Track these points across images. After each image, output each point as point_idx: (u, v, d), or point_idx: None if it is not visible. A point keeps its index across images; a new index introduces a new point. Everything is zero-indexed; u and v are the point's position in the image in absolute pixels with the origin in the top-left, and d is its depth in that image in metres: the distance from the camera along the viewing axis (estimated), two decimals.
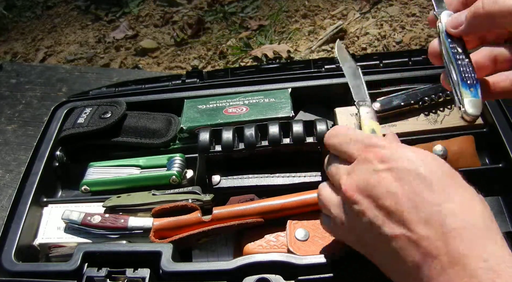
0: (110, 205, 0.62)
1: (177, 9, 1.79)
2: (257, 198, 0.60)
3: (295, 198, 0.57)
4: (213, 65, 1.51)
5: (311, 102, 0.76)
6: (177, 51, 1.60)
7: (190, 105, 0.74)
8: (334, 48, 0.80)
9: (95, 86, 0.93)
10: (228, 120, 0.69)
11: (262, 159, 0.64)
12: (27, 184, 0.67)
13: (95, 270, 0.54)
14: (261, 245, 0.56)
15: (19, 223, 0.62)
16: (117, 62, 1.60)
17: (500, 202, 0.62)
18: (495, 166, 0.63)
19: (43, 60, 1.69)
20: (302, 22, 1.58)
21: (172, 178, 0.65)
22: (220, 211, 0.57)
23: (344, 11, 1.58)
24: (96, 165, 0.70)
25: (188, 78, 0.81)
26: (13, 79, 1.17)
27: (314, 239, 0.55)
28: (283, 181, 0.63)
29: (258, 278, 0.51)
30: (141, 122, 0.73)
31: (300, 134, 0.62)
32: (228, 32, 1.62)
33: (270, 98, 0.72)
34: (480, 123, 0.66)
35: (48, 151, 0.71)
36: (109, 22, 1.82)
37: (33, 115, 1.05)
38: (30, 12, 1.97)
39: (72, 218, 0.60)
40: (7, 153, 0.96)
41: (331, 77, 0.75)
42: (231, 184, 0.63)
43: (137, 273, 0.53)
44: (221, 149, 0.62)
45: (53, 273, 0.56)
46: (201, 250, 0.59)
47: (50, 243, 0.61)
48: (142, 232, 0.58)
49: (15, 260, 0.58)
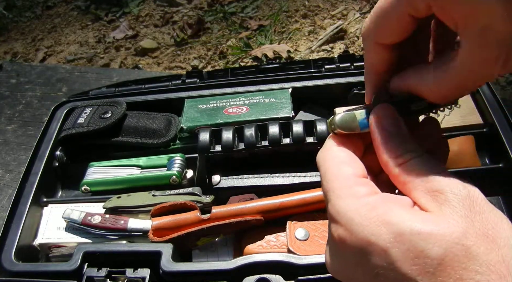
0: (111, 206, 0.62)
1: (177, 9, 1.79)
2: (257, 198, 0.61)
3: (295, 197, 0.57)
4: (213, 65, 1.51)
5: (311, 102, 0.76)
6: (177, 51, 1.60)
7: (191, 104, 0.74)
8: None
9: (95, 86, 0.93)
10: (228, 120, 0.69)
11: (262, 159, 0.64)
12: (27, 184, 0.67)
13: (95, 270, 0.54)
14: (261, 245, 0.56)
15: (19, 223, 0.62)
16: (117, 62, 1.60)
17: (500, 202, 0.62)
18: (495, 166, 0.63)
19: (43, 60, 1.69)
20: (302, 22, 1.58)
21: (172, 178, 0.65)
22: (219, 210, 0.58)
23: (344, 11, 1.58)
24: (96, 165, 0.70)
25: (188, 78, 0.81)
26: (13, 79, 1.17)
27: (314, 238, 0.55)
28: (283, 181, 0.63)
29: (258, 278, 0.51)
30: (141, 122, 0.73)
31: (300, 134, 0.62)
32: (228, 32, 1.62)
33: (270, 98, 0.72)
34: (480, 123, 0.66)
35: (48, 151, 0.71)
36: (109, 22, 1.82)
37: (33, 115, 1.05)
38: (30, 12, 1.97)
39: (73, 217, 0.60)
40: (7, 153, 0.96)
41: (331, 77, 0.75)
42: (231, 184, 0.63)
43: (137, 273, 0.53)
44: (221, 149, 0.62)
45: (53, 273, 0.56)
46: (201, 250, 0.59)
47: (50, 243, 0.61)
48: (142, 234, 0.58)
49: (15, 260, 0.58)
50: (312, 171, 0.62)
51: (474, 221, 0.26)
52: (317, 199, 0.57)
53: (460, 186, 0.28)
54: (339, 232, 0.29)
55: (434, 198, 0.28)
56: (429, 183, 0.29)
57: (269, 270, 0.51)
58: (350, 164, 0.32)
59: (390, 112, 0.33)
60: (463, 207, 0.27)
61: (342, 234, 0.29)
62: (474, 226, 0.26)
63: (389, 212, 0.28)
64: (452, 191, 0.28)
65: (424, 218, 0.27)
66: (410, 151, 0.31)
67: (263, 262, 0.52)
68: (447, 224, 0.26)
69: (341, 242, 0.29)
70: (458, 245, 0.25)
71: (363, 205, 0.28)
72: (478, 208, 0.27)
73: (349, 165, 0.32)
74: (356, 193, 0.30)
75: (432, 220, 0.27)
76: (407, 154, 0.31)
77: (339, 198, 0.30)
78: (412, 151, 0.31)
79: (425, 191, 0.28)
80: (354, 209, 0.29)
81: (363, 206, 0.28)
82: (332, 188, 0.31)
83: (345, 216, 0.29)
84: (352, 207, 0.29)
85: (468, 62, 0.28)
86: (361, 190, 0.30)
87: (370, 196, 0.29)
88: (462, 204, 0.27)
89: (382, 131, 0.32)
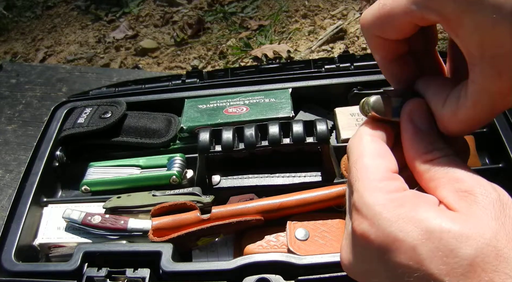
0: (111, 206, 0.62)
1: (177, 9, 1.79)
2: (257, 198, 0.61)
3: (295, 197, 0.57)
4: (213, 65, 1.51)
5: (311, 102, 0.76)
6: (177, 51, 1.60)
7: (191, 104, 0.74)
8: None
9: (95, 86, 0.93)
10: (228, 120, 0.69)
11: (262, 159, 0.64)
12: (27, 184, 0.67)
13: (95, 270, 0.54)
14: (261, 245, 0.56)
15: (19, 223, 0.62)
16: (117, 62, 1.60)
17: None
18: (495, 166, 0.63)
19: (43, 60, 1.69)
20: (302, 22, 1.58)
21: (172, 178, 0.65)
22: (219, 210, 0.58)
23: (344, 11, 1.58)
24: (96, 165, 0.70)
25: (188, 78, 0.81)
26: (13, 79, 1.16)
27: (314, 239, 0.55)
28: (283, 181, 0.63)
29: (258, 278, 0.51)
30: (141, 122, 0.73)
31: (300, 134, 0.62)
32: (228, 32, 1.62)
33: (270, 98, 0.72)
34: None
35: (48, 151, 0.71)
36: (109, 22, 1.82)
37: (33, 115, 1.05)
38: (30, 12, 1.97)
39: (73, 217, 0.60)
40: (7, 153, 0.96)
41: (331, 77, 0.75)
42: (231, 184, 0.63)
43: (137, 273, 0.53)
44: (221, 149, 0.62)
45: (53, 273, 0.56)
46: (201, 250, 0.59)
47: (50, 243, 0.61)
48: (142, 234, 0.58)
49: (15, 260, 0.58)
50: (312, 171, 0.62)
51: (505, 224, 0.26)
52: (317, 199, 0.57)
53: (490, 188, 0.27)
54: (363, 226, 0.28)
55: (463, 198, 0.27)
56: (458, 183, 0.28)
57: (269, 270, 0.51)
58: (383, 157, 0.31)
59: (423, 108, 0.32)
60: (493, 209, 0.26)
61: (367, 228, 0.28)
62: (505, 229, 0.25)
63: (418, 209, 0.27)
64: (482, 192, 0.27)
65: (454, 217, 0.26)
66: (439, 149, 0.30)
67: (263, 262, 0.52)
68: (478, 224, 0.25)
69: (364, 237, 0.28)
70: (490, 246, 0.24)
71: (392, 200, 0.28)
72: (508, 211, 0.26)
73: (382, 158, 0.31)
74: (386, 187, 0.29)
75: (462, 220, 0.26)
76: (436, 152, 0.30)
77: (368, 190, 0.29)
78: (440, 149, 0.30)
79: (453, 191, 0.28)
80: (382, 204, 0.28)
81: (392, 201, 0.28)
82: (361, 178, 0.30)
83: (373, 210, 0.28)
84: (381, 201, 0.28)
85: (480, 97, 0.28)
86: (391, 185, 0.29)
87: (400, 192, 0.29)
88: (493, 206, 0.26)
89: (412, 126, 0.31)
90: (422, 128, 0.31)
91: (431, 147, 0.30)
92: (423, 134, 0.31)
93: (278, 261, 0.52)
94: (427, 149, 0.30)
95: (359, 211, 0.29)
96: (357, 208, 0.29)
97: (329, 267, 0.50)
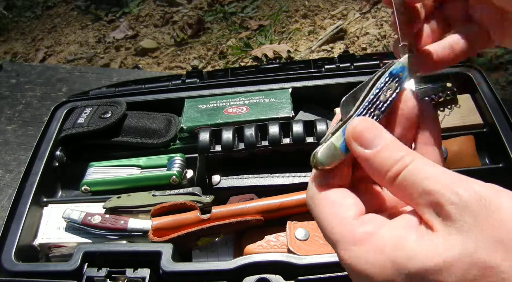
0: (111, 206, 0.62)
1: (177, 9, 1.79)
2: (257, 198, 0.61)
3: (295, 197, 0.57)
4: (213, 65, 1.51)
5: (311, 102, 0.76)
6: (177, 51, 1.60)
7: (191, 104, 0.74)
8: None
9: (95, 86, 0.93)
10: (228, 120, 0.69)
11: (262, 159, 0.64)
12: (27, 184, 0.67)
13: (95, 270, 0.54)
14: (261, 245, 0.56)
15: (19, 223, 0.62)
16: (117, 62, 1.60)
17: None
18: (495, 166, 0.63)
19: (43, 60, 1.69)
20: (302, 22, 1.58)
21: (172, 178, 0.65)
22: (219, 210, 0.58)
23: (344, 11, 1.58)
24: (96, 165, 0.70)
25: (188, 78, 0.81)
26: (13, 79, 1.16)
27: (314, 239, 0.55)
28: (283, 181, 0.63)
29: (258, 278, 0.51)
30: (141, 122, 0.73)
31: (300, 134, 0.62)
32: (228, 32, 1.62)
33: (270, 98, 0.72)
34: (480, 123, 0.66)
35: (48, 151, 0.71)
36: (109, 22, 1.82)
37: (33, 115, 1.05)
38: (30, 12, 1.97)
39: (73, 217, 0.60)
40: (7, 153, 0.96)
41: (331, 77, 0.75)
42: (231, 184, 0.63)
43: (137, 273, 0.53)
44: (221, 149, 0.62)
45: (53, 273, 0.56)
46: (201, 250, 0.59)
47: (50, 243, 0.61)
48: (142, 234, 0.58)
49: (15, 260, 0.58)
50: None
51: (483, 229, 0.24)
52: None
53: (461, 190, 0.25)
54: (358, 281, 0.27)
55: (437, 212, 0.25)
56: (427, 195, 0.26)
57: (269, 270, 0.51)
58: (343, 205, 0.29)
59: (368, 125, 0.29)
60: (467, 217, 0.24)
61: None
62: (484, 234, 0.24)
63: (397, 250, 0.25)
64: (450, 200, 0.24)
65: (432, 246, 0.25)
66: (399, 159, 0.27)
67: (263, 262, 0.52)
68: (456, 245, 0.24)
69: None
70: (473, 265, 0.23)
71: (370, 251, 0.26)
72: (486, 211, 0.24)
73: (343, 207, 0.29)
74: (360, 237, 0.27)
75: (440, 246, 0.24)
76: (397, 165, 0.27)
77: (345, 250, 0.28)
78: (401, 159, 0.27)
79: (427, 205, 0.26)
80: (363, 258, 0.26)
81: (370, 252, 0.26)
82: (334, 239, 0.29)
83: (358, 268, 0.27)
84: (361, 256, 0.27)
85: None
86: (365, 230, 0.27)
87: (376, 234, 0.27)
88: (465, 213, 0.24)
89: (362, 152, 0.29)
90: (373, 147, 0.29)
91: (390, 162, 0.27)
92: (378, 153, 0.28)
93: (278, 261, 0.52)
94: (386, 167, 0.28)
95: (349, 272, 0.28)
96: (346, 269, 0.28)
97: (329, 267, 0.50)
